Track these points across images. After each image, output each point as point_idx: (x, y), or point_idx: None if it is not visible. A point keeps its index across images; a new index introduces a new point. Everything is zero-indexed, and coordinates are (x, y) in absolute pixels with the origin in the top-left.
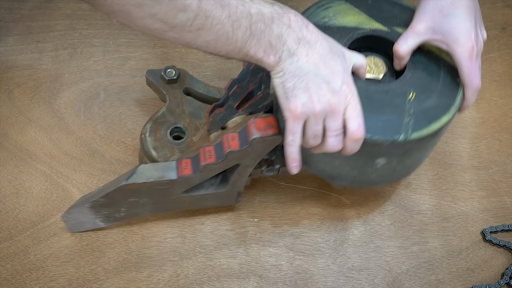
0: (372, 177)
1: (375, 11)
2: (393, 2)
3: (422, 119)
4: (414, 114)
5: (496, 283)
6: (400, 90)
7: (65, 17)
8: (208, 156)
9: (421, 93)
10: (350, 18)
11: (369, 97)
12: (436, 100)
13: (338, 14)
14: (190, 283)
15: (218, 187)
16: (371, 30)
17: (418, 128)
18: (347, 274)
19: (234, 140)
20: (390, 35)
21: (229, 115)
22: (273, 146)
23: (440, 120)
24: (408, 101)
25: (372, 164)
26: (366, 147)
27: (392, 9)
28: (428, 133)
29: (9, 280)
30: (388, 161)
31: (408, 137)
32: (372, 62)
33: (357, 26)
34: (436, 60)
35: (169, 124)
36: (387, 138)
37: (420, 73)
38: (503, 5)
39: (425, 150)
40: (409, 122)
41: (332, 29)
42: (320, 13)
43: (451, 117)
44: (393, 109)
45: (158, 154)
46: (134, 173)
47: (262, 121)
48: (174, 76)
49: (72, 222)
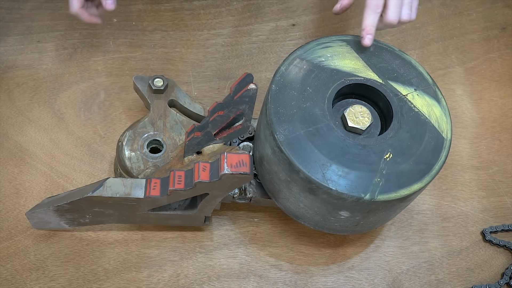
0: (335, 226)
1: (374, 59)
2: (395, 54)
3: (392, 182)
4: (386, 175)
5: (496, 283)
6: (378, 147)
7: (65, 17)
8: (177, 182)
9: (399, 155)
10: (347, 62)
11: (345, 149)
12: (412, 165)
13: (336, 56)
14: (190, 283)
15: (185, 209)
16: (364, 79)
17: (386, 191)
18: (347, 274)
19: (205, 170)
20: (382, 88)
21: (206, 141)
22: (243, 183)
23: (411, 187)
24: (384, 161)
25: (336, 215)
26: (331, 198)
27: (392, 62)
28: (396, 198)
29: (9, 280)
30: (351, 215)
31: (374, 198)
32: (358, 111)
33: (351, 72)
34: (424, 124)
35: (148, 136)
36: (352, 195)
37: (404, 134)
38: (503, 5)
39: (392, 211)
40: (378, 183)
41: (326, 70)
42: (318, 51)
43: (424, 186)
44: (366, 166)
45: (132, 166)
46: (101, 186)
47: (235, 157)
48: (162, 86)
49: (36, 220)
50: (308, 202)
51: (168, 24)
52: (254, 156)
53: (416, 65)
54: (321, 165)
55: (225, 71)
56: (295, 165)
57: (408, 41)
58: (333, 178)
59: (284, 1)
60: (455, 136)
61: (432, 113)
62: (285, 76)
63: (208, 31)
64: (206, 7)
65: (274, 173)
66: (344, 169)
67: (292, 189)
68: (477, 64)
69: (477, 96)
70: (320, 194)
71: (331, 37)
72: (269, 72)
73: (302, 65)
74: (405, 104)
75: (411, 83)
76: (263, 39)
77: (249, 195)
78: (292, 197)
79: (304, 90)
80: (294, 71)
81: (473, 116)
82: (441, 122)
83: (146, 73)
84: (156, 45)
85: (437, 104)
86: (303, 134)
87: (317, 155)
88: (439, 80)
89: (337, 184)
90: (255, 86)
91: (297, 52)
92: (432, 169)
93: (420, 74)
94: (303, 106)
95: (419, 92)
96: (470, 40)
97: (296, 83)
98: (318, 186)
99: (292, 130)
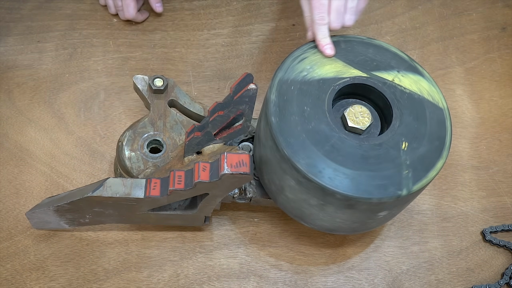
0: (372, 225)
1: (350, 56)
2: (366, 43)
3: (419, 169)
4: (411, 165)
5: (496, 283)
6: (392, 141)
7: (65, 17)
8: (177, 182)
9: (413, 141)
10: (327, 68)
11: (365, 155)
12: (428, 145)
13: (315, 65)
14: (190, 283)
15: (185, 209)
16: (351, 79)
17: (418, 180)
18: (347, 274)
19: (205, 170)
20: (369, 81)
21: (206, 141)
22: (243, 183)
23: (436, 166)
24: (403, 152)
25: (374, 217)
26: (371, 206)
27: (367, 51)
28: (428, 182)
29: (9, 280)
30: (390, 212)
31: (411, 191)
32: (358, 111)
33: (336, 76)
34: (420, 102)
35: (148, 136)
36: (391, 196)
37: (408, 119)
38: (503, 5)
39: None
40: (408, 175)
41: (313, 82)
42: (296, 67)
43: (445, 161)
44: (390, 163)
45: (132, 166)
46: (101, 186)
47: (235, 157)
48: (162, 86)
49: (36, 220)
50: (346, 216)
51: (168, 24)
52: (254, 156)
53: (388, 47)
54: (352, 180)
55: (225, 71)
56: (329, 189)
57: (408, 41)
58: (368, 189)
59: (284, 1)
60: (455, 136)
61: (422, 88)
62: (278, 104)
63: (208, 31)
64: (206, 7)
65: (302, 200)
66: (373, 174)
67: (326, 210)
68: (477, 64)
69: (477, 96)
70: (359, 206)
71: (302, 48)
72: (269, 72)
73: (288, 86)
74: (396, 89)
75: (392, 66)
76: (263, 39)
77: (249, 195)
78: (326, 216)
79: (302, 111)
80: (285, 96)
81: (473, 116)
82: (433, 94)
83: (146, 73)
84: (156, 45)
85: (422, 78)
86: (322, 155)
87: (344, 172)
88: (439, 80)
89: (373, 192)
90: (255, 86)
91: (278, 75)
92: (446, 142)
93: (395, 55)
94: (309, 128)
95: (402, 73)
96: (470, 40)
97: (292, 107)
98: (357, 201)
99: (310, 156)
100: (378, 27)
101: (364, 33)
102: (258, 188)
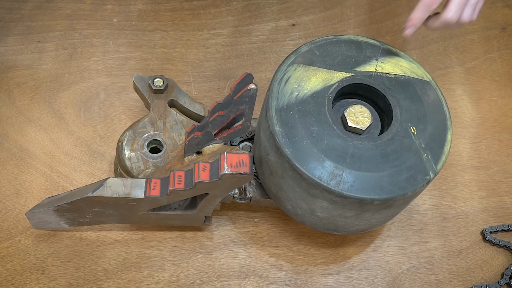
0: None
1: (328, 60)
2: (335, 42)
3: (435, 148)
4: (427, 147)
5: (496, 283)
6: (401, 130)
7: (65, 17)
8: (177, 182)
9: (418, 123)
10: (314, 80)
11: (384, 153)
12: (432, 122)
13: (302, 81)
14: (190, 283)
15: (185, 209)
16: (339, 83)
17: (438, 159)
18: (347, 274)
19: (205, 170)
20: (357, 79)
21: (206, 141)
22: (243, 183)
23: (448, 139)
24: (414, 136)
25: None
26: (407, 199)
27: (340, 50)
28: (446, 158)
29: (9, 280)
30: None
31: (436, 172)
32: (358, 111)
33: (325, 85)
34: (407, 82)
35: (148, 136)
36: (422, 184)
37: (405, 103)
38: (503, 5)
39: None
40: (428, 157)
41: (307, 100)
42: (285, 90)
43: (452, 131)
44: (408, 152)
45: (132, 166)
46: (101, 186)
47: (235, 157)
48: (162, 86)
49: (36, 220)
50: (382, 215)
51: (168, 24)
52: (254, 156)
53: (356, 38)
54: (383, 182)
55: (225, 71)
56: (366, 199)
57: (408, 41)
58: (401, 185)
59: (284, 1)
60: (455, 136)
61: (403, 68)
62: (286, 134)
63: (208, 31)
64: (206, 7)
65: (336, 216)
66: (398, 169)
67: (363, 216)
68: (477, 64)
69: (477, 96)
70: (396, 203)
71: (281, 68)
72: (269, 72)
73: (287, 113)
74: (382, 78)
75: (369, 56)
76: (263, 39)
77: (249, 195)
78: (362, 221)
79: (311, 133)
80: (288, 123)
81: (473, 116)
82: (415, 70)
83: (146, 73)
84: (156, 45)
85: (400, 58)
86: (347, 169)
87: (373, 177)
88: (439, 80)
89: (406, 187)
90: (255, 86)
91: (272, 105)
92: (445, 112)
93: (366, 44)
94: (324, 147)
95: (381, 59)
96: (470, 40)
97: (300, 132)
98: (394, 200)
99: (336, 173)
100: (378, 27)
101: (364, 33)
102: (258, 188)
